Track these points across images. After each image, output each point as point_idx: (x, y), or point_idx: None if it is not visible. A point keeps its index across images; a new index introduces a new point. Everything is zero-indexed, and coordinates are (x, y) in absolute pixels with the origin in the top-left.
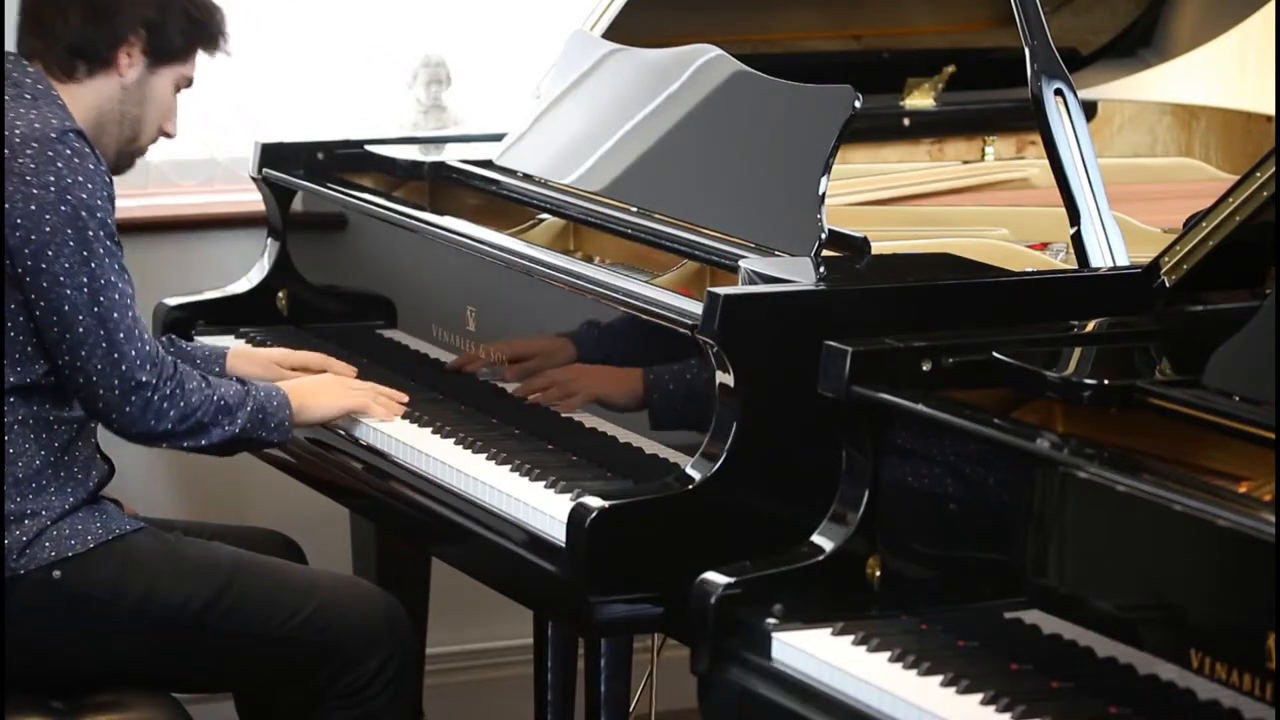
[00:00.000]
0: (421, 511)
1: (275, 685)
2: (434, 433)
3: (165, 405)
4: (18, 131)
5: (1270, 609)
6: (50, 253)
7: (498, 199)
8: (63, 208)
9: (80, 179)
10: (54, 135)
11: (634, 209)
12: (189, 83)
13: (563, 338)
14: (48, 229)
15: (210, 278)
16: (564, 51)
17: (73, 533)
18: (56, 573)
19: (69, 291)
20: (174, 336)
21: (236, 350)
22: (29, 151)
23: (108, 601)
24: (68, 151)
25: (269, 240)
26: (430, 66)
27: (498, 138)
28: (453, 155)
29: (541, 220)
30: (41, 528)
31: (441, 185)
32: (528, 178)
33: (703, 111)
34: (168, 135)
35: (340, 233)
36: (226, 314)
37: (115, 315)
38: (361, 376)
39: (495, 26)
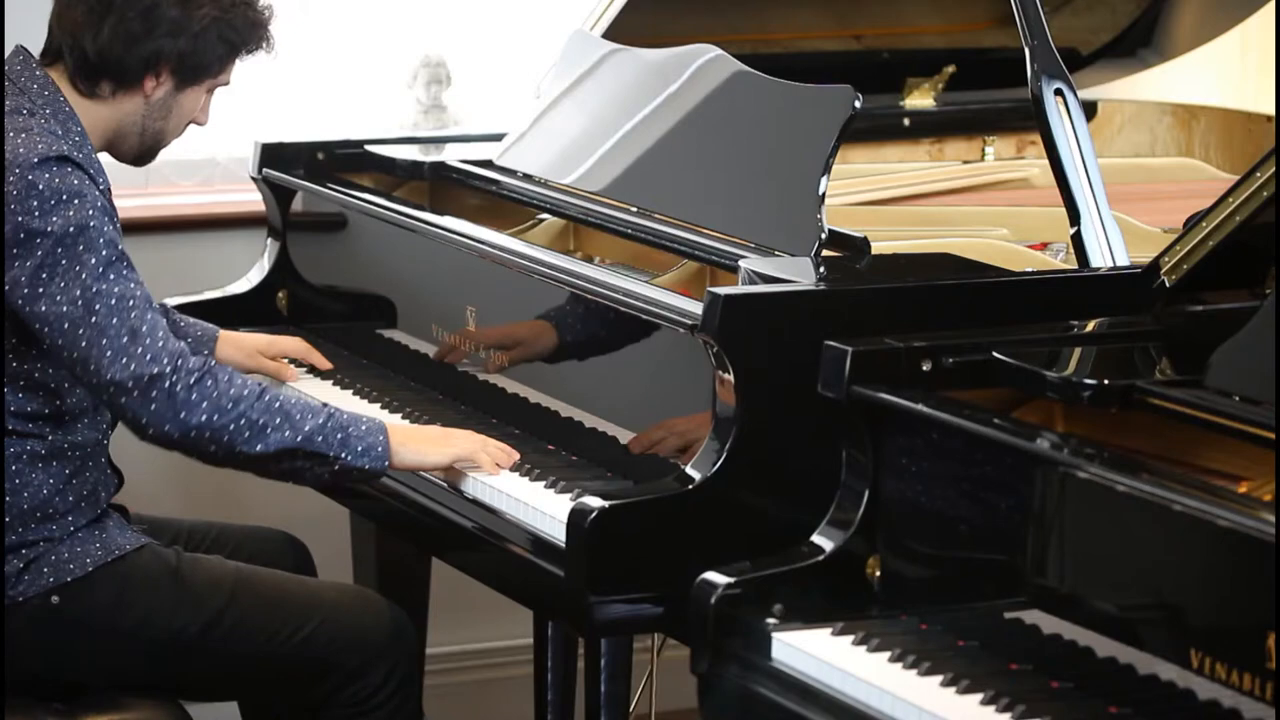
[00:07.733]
0: (421, 512)
1: (279, 696)
2: None
3: (192, 395)
4: (5, 155)
5: (1270, 609)
6: (44, 275)
7: (498, 199)
8: (50, 230)
9: (64, 199)
10: (35, 161)
11: (634, 209)
12: (225, 84)
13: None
14: (40, 252)
15: (210, 278)
16: (564, 51)
17: (71, 556)
18: (55, 598)
19: (65, 308)
20: (167, 305)
21: (225, 336)
22: (10, 178)
23: (107, 625)
24: (47, 176)
25: (269, 240)
26: (430, 66)
27: (498, 138)
28: (453, 155)
29: (541, 220)
30: (39, 553)
31: (441, 185)
32: (528, 178)
33: (703, 111)
34: (198, 124)
35: (340, 233)
36: (226, 314)
37: (115, 320)
38: (362, 376)
39: (495, 26)
